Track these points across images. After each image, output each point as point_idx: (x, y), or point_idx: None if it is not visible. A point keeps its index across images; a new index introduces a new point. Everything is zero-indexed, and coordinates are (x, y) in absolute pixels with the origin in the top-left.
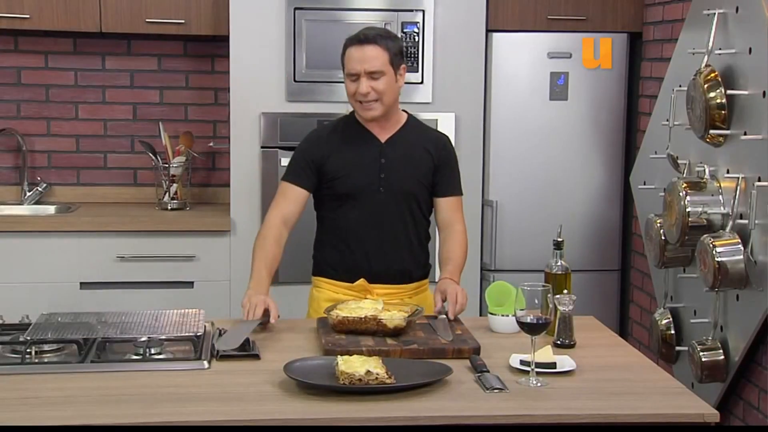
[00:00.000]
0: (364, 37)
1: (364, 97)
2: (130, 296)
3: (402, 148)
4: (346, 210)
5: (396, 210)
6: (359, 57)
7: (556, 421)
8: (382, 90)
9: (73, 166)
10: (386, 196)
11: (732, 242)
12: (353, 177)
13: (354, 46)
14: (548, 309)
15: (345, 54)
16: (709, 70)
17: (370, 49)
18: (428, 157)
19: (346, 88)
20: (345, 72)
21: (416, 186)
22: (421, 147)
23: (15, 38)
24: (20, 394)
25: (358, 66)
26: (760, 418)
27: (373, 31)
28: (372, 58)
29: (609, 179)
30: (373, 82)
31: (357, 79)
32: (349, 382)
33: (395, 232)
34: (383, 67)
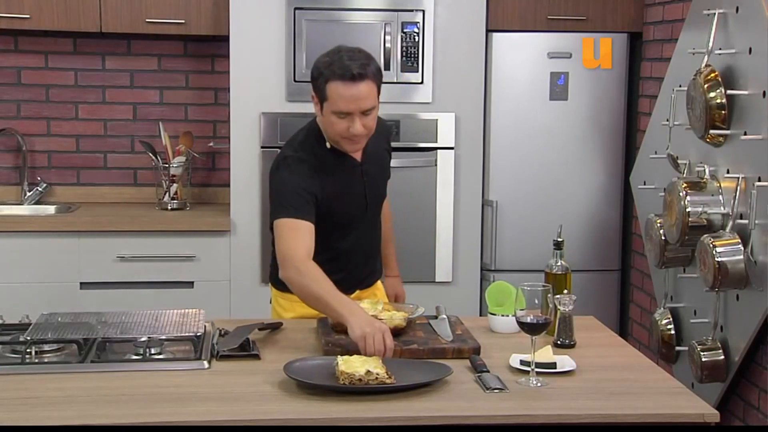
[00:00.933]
0: (356, 74)
1: (356, 137)
2: (130, 296)
3: (373, 158)
4: (337, 236)
5: (376, 220)
6: (353, 96)
7: (556, 421)
8: (371, 125)
9: (73, 166)
10: (371, 213)
11: (732, 242)
12: (347, 207)
13: (345, 83)
14: (548, 309)
15: (330, 89)
16: (709, 70)
17: (364, 86)
18: (387, 154)
19: (331, 124)
20: (331, 109)
21: (385, 188)
22: (381, 146)
23: (15, 38)
24: (20, 394)
25: (354, 106)
26: (760, 418)
27: (359, 62)
28: (366, 96)
29: (609, 179)
30: (366, 119)
31: (347, 117)
32: (349, 382)
33: (377, 238)
34: (374, 101)
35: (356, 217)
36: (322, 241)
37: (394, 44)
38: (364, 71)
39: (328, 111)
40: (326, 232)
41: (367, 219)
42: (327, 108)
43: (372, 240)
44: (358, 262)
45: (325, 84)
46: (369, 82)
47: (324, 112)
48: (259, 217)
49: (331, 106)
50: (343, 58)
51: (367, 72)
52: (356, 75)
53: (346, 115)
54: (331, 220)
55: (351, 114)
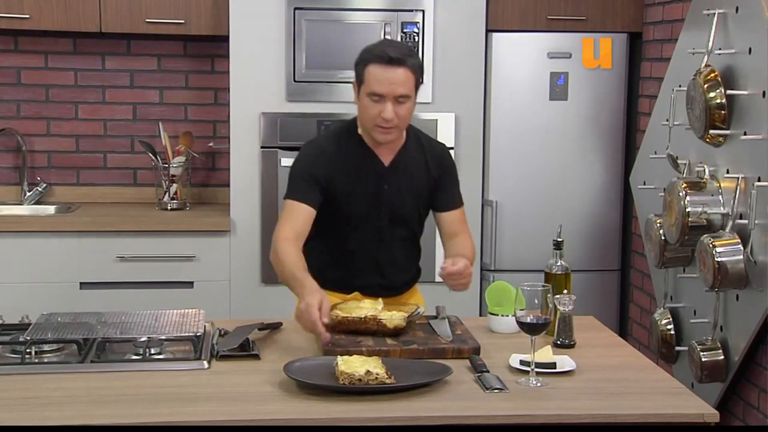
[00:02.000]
0: (395, 58)
1: (386, 123)
2: (130, 296)
3: (404, 171)
4: (344, 231)
5: (394, 233)
6: (389, 79)
7: (555, 421)
8: (404, 116)
9: (73, 166)
10: (386, 222)
11: (732, 242)
12: (356, 203)
13: (383, 65)
14: (548, 309)
15: (368, 71)
16: (709, 70)
17: (401, 71)
18: (427, 176)
19: (365, 107)
20: (366, 91)
21: (415, 210)
22: (422, 165)
23: (15, 38)
24: (20, 394)
25: (387, 89)
26: (760, 418)
27: (400, 50)
28: (402, 82)
29: (609, 179)
30: (398, 107)
31: (380, 101)
32: (349, 382)
33: (392, 252)
34: (410, 92)
35: (364, 217)
36: (328, 235)
37: None
38: (403, 57)
39: (364, 93)
40: (332, 226)
41: (379, 226)
42: (363, 90)
43: (387, 249)
44: (363, 267)
45: (364, 67)
46: (407, 70)
47: (360, 95)
48: (259, 217)
49: (366, 87)
50: (385, 45)
51: (407, 60)
52: (394, 59)
53: (379, 98)
54: (338, 213)
55: (384, 98)
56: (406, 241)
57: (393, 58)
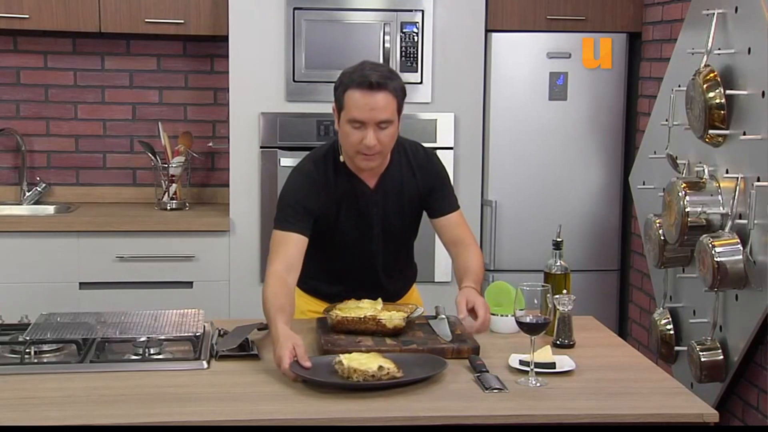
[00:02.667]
0: (375, 83)
1: (368, 150)
2: (130, 296)
3: (391, 189)
4: (337, 253)
5: (387, 248)
6: (369, 104)
7: (555, 421)
8: (387, 142)
9: (73, 166)
10: (379, 241)
11: (731, 242)
12: (347, 229)
13: (363, 91)
14: (547, 309)
15: (348, 97)
16: (708, 70)
17: (381, 96)
18: (416, 189)
19: (346, 134)
20: (346, 117)
21: (406, 224)
22: (409, 179)
23: (14, 38)
24: (19, 394)
25: (368, 115)
26: (759, 418)
27: (380, 73)
28: (383, 107)
29: (608, 179)
30: (380, 133)
31: (361, 127)
32: (363, 379)
33: (387, 265)
34: (392, 116)
35: (356, 241)
36: (321, 257)
37: (393, 44)
38: (383, 82)
39: (344, 120)
40: (324, 248)
41: (373, 247)
42: (343, 117)
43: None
44: (358, 281)
45: (343, 92)
46: (387, 94)
47: (341, 122)
48: (259, 217)
49: (347, 114)
50: (365, 68)
51: (387, 84)
52: (374, 84)
53: (360, 125)
54: (330, 238)
55: (365, 124)
56: (400, 251)
57: (373, 83)
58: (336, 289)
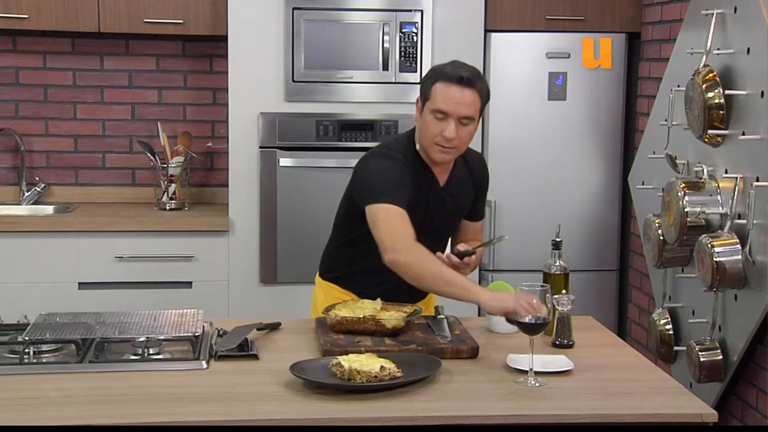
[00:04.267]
0: (466, 79)
1: (447, 142)
2: (129, 296)
3: (455, 190)
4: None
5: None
6: (457, 98)
7: (554, 421)
8: (464, 139)
9: (72, 166)
10: (429, 238)
11: (730, 242)
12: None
13: (453, 84)
14: (547, 309)
15: (436, 88)
16: (708, 70)
17: (469, 93)
18: (472, 190)
19: (427, 124)
20: (431, 107)
21: (457, 224)
22: (469, 180)
23: (13, 38)
24: (18, 394)
25: (453, 108)
26: (758, 418)
27: (471, 72)
28: (468, 103)
29: (607, 179)
30: (461, 129)
31: (443, 119)
32: (366, 380)
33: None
34: (475, 114)
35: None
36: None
37: (392, 44)
38: (473, 80)
39: (428, 110)
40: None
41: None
42: (428, 107)
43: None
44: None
45: (432, 84)
46: (474, 93)
47: (423, 111)
48: (258, 217)
49: (432, 104)
50: (456, 65)
51: (476, 82)
52: (464, 79)
53: (443, 117)
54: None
55: (448, 116)
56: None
57: (463, 78)
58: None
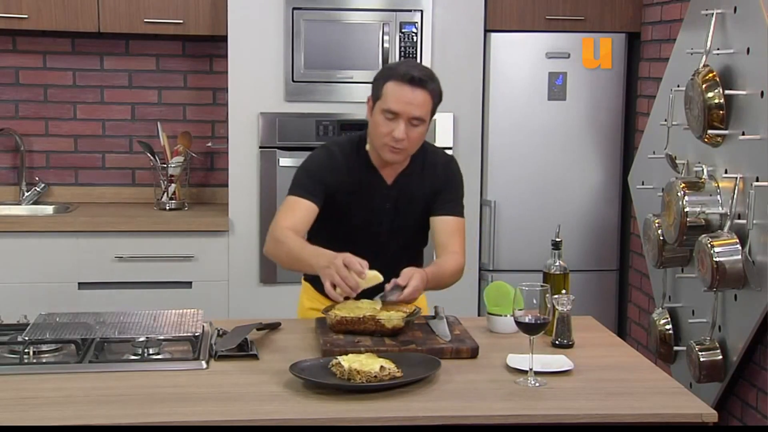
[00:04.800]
0: (417, 79)
1: (396, 143)
2: (129, 296)
3: (406, 189)
4: (343, 243)
5: (393, 244)
6: (407, 98)
7: (554, 421)
8: (415, 139)
9: (71, 166)
10: (388, 238)
11: (730, 242)
12: (355, 217)
13: (404, 84)
14: (546, 309)
15: (387, 88)
16: (707, 70)
17: (420, 93)
18: (429, 190)
19: (377, 124)
20: (381, 106)
21: (416, 224)
22: (424, 181)
23: (13, 38)
24: (18, 394)
25: (403, 108)
26: (758, 418)
27: (422, 72)
28: (419, 104)
29: (607, 179)
30: (411, 129)
31: (394, 119)
32: (366, 380)
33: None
34: (425, 116)
35: (363, 231)
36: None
37: (392, 44)
38: (425, 80)
39: (379, 109)
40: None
41: (381, 242)
42: (378, 106)
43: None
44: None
45: (383, 83)
46: (426, 93)
47: (374, 111)
48: (258, 217)
49: (382, 103)
50: (410, 64)
51: (428, 83)
52: (416, 79)
53: (394, 116)
54: (338, 225)
55: (398, 116)
56: (406, 251)
57: (415, 78)
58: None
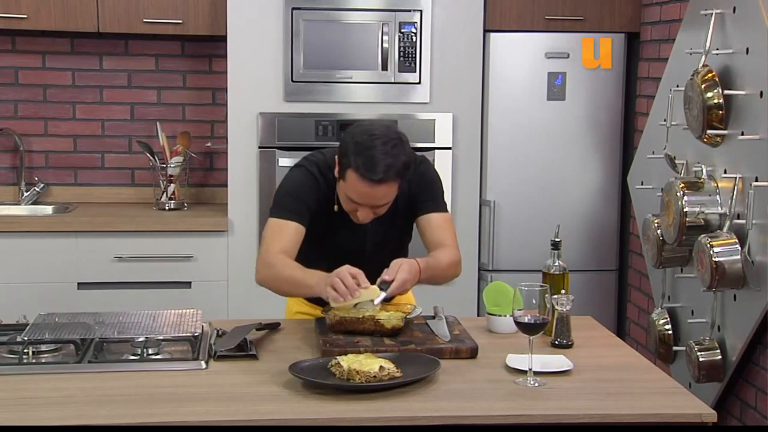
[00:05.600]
0: (378, 180)
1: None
2: (128, 296)
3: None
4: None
5: (381, 257)
6: (370, 194)
7: (553, 421)
8: (383, 212)
9: (71, 166)
10: (373, 253)
11: (729, 242)
12: (338, 237)
13: (365, 182)
14: (546, 309)
15: (350, 176)
16: (707, 70)
17: (384, 188)
18: (408, 197)
19: (343, 199)
20: (345, 189)
21: (399, 230)
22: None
23: (12, 38)
24: (17, 394)
25: (368, 201)
26: (757, 418)
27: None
28: (383, 197)
29: (606, 179)
30: (378, 209)
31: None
32: (365, 380)
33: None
34: (392, 197)
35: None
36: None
37: (391, 44)
38: (387, 175)
39: (342, 189)
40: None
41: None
42: (342, 186)
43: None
44: None
45: (346, 168)
46: (391, 183)
47: (339, 184)
48: (257, 217)
49: (345, 189)
50: (374, 150)
51: (391, 174)
52: (378, 180)
53: (357, 204)
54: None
55: (363, 205)
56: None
57: (375, 180)
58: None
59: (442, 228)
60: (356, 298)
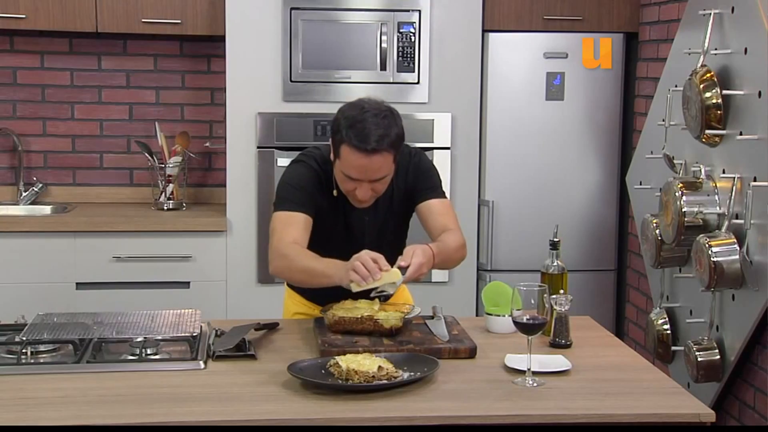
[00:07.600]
0: (371, 149)
1: (360, 202)
2: (127, 296)
3: (384, 198)
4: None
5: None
6: (366, 167)
7: (552, 421)
8: (381, 190)
9: (69, 166)
10: (372, 243)
11: (728, 242)
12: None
13: (359, 152)
14: (544, 309)
15: (343, 151)
16: (705, 70)
17: (377, 158)
18: (402, 187)
19: (340, 180)
20: (340, 167)
21: (397, 223)
22: (400, 183)
23: (11, 38)
24: (16, 394)
25: (364, 175)
26: (756, 418)
27: (378, 134)
28: (378, 168)
29: (605, 179)
30: (375, 184)
31: (355, 180)
32: (364, 381)
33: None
34: (389, 171)
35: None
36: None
37: (390, 44)
38: (381, 145)
39: (339, 168)
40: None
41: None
42: (338, 165)
43: None
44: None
45: (340, 144)
46: (385, 154)
47: (335, 166)
48: (256, 217)
49: (341, 166)
50: (366, 122)
51: (384, 144)
52: (371, 150)
53: (355, 180)
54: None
55: (360, 180)
56: (392, 246)
57: (369, 149)
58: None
59: (443, 213)
60: (377, 281)
